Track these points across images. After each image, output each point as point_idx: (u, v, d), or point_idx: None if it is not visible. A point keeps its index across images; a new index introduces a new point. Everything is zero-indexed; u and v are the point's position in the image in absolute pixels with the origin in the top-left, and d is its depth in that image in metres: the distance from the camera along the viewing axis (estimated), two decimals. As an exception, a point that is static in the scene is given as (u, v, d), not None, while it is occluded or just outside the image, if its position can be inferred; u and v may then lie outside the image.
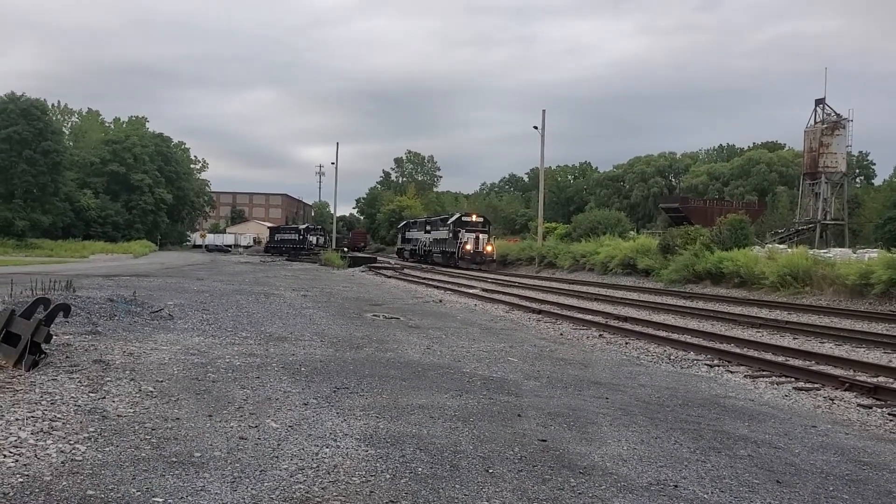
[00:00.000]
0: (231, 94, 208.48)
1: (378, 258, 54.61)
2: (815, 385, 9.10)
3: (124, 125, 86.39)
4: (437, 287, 25.97)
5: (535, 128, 45.92)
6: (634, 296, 24.11)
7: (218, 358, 8.45)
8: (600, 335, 13.32)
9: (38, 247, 53.39)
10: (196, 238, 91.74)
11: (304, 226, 78.54)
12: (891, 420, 7.41)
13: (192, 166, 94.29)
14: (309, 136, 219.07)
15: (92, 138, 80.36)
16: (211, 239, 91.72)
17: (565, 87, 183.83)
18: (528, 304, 19.59)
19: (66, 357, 7.66)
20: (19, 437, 4.90)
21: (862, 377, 9.46)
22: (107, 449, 4.84)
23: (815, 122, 51.68)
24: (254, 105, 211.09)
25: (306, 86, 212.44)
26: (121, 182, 74.90)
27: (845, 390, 8.76)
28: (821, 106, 51.79)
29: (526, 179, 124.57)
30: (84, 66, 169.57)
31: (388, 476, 4.60)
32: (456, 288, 25.52)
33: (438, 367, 8.65)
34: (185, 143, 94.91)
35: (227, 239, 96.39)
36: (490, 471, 4.81)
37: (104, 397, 6.15)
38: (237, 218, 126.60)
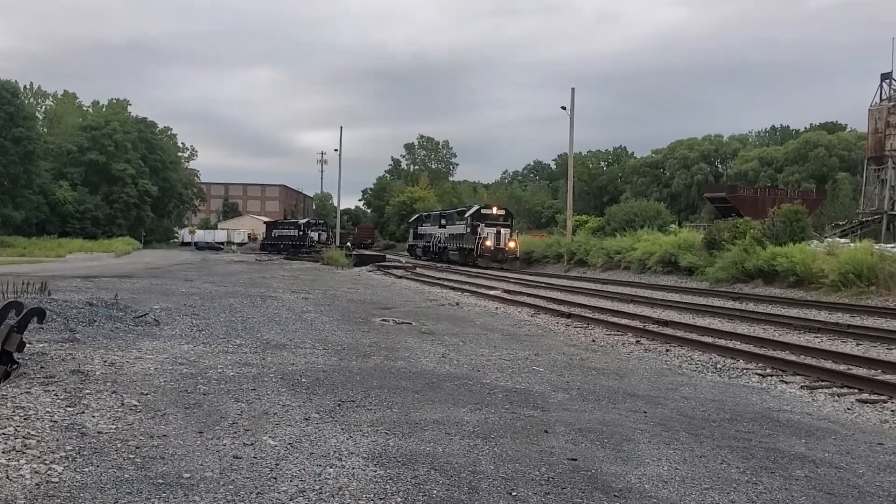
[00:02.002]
0: (223, 74, 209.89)
1: (387, 256, 54.80)
2: (882, 397, 9.01)
3: (104, 109, 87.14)
4: (454, 288, 26.01)
5: (564, 108, 45.85)
6: (676, 297, 24.01)
7: (209, 368, 8.51)
8: (637, 341, 13.28)
9: (10, 245, 53.98)
10: (184, 234, 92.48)
11: (304, 220, 78.88)
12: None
13: (179, 154, 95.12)
14: (310, 120, 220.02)
15: (68, 124, 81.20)
16: (201, 235, 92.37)
17: (597, 62, 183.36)
18: (555, 306, 19.56)
19: (41, 367, 7.73)
20: (-10, 456, 4.96)
21: (936, 388, 9.35)
22: (86, 469, 4.89)
23: (881, 100, 51.06)
24: (249, 86, 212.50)
25: (307, 64, 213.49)
26: (100, 172, 75.59)
27: (917, 403, 8.67)
28: (887, 81, 51.16)
29: (553, 167, 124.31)
30: (59, 44, 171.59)
31: (398, 499, 4.62)
32: (475, 289, 25.53)
33: (455, 378, 8.67)
34: (171, 129, 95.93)
35: (219, 235, 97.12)
36: (513, 493, 4.81)
37: (83, 412, 6.21)
38: (230, 212, 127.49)
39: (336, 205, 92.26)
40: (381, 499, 4.61)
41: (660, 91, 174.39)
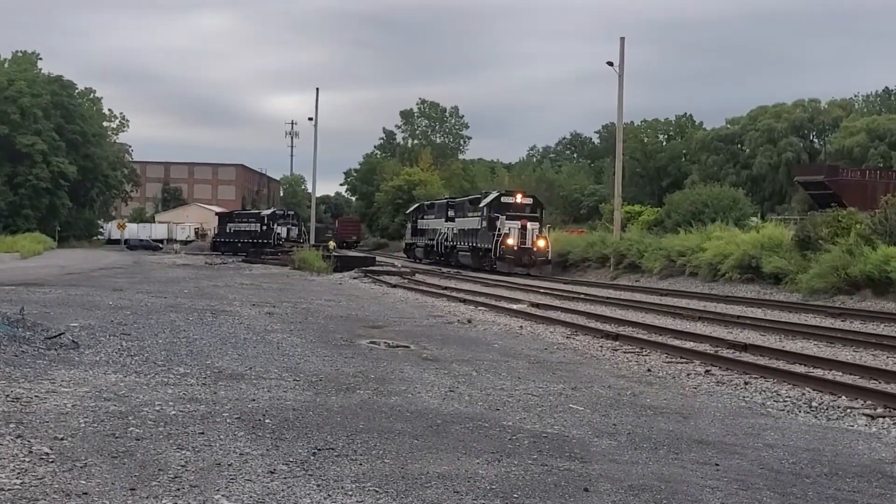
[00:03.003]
0: (163, 20, 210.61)
1: (377, 258, 54.77)
2: None
3: (6, 65, 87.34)
4: (465, 301, 25.98)
5: (610, 64, 45.77)
6: (758, 312, 23.95)
7: (144, 405, 8.52)
8: (707, 371, 13.24)
9: None
10: (112, 229, 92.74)
11: (268, 211, 78.87)
12: None
13: (105, 125, 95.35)
14: (276, 80, 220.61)
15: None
16: (133, 231, 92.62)
17: (655, 4, 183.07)
18: (599, 325, 19.50)
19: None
20: None
21: None
22: (-16, 537, 4.91)
23: None
24: (197, 35, 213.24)
25: (272, 6, 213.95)
26: (1, 148, 75.83)
27: None
28: None
29: (596, 141, 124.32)
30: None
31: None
32: (492, 302, 25.45)
33: (467, 419, 8.67)
34: (94, 92, 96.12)
35: (157, 231, 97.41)
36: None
37: (-21, 462, 6.22)
38: (171, 200, 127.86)
39: (311, 191, 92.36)
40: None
41: (738, 42, 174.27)
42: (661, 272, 38.90)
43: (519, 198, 48.28)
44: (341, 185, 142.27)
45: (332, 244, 62.64)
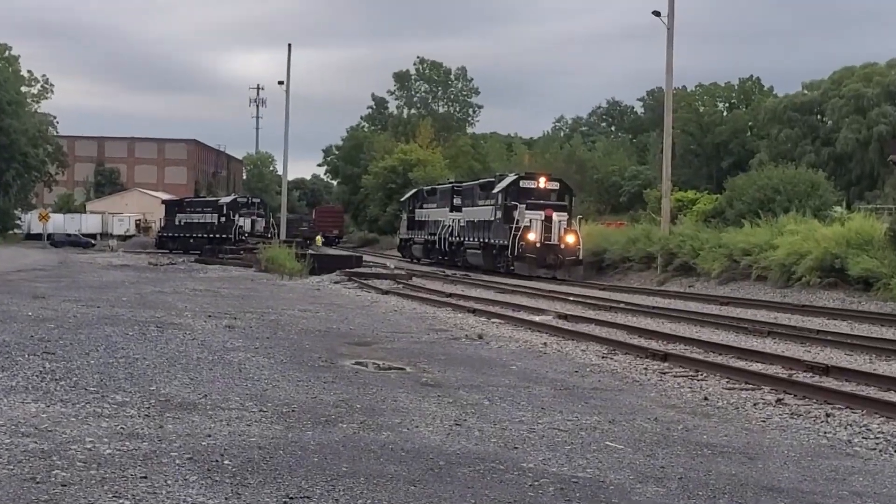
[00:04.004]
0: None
1: (364, 257, 54.70)
2: None
3: None
4: (475, 311, 26.00)
5: (657, 14, 45.71)
6: (842, 326, 23.88)
7: (72, 442, 8.51)
8: (778, 400, 13.20)
9: None
10: (32, 221, 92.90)
11: (228, 199, 78.97)
12: None
13: (23, 90, 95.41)
14: (238, 34, 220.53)
15: None
16: (59, 223, 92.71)
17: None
18: (643, 341, 19.47)
19: None
20: None
21: None
22: None
23: None
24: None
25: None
26: None
27: None
28: None
29: (639, 111, 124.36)
30: None
31: None
32: (509, 313, 25.43)
33: (476, 460, 8.66)
34: (9, 49, 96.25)
35: (89, 223, 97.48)
36: None
37: None
38: (107, 185, 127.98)
39: (281, 173, 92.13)
40: None
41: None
42: (720, 275, 38.86)
43: (542, 182, 48.23)
44: (319, 165, 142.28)
45: (318, 239, 62.73)
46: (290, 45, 74.36)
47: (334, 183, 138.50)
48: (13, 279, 32.82)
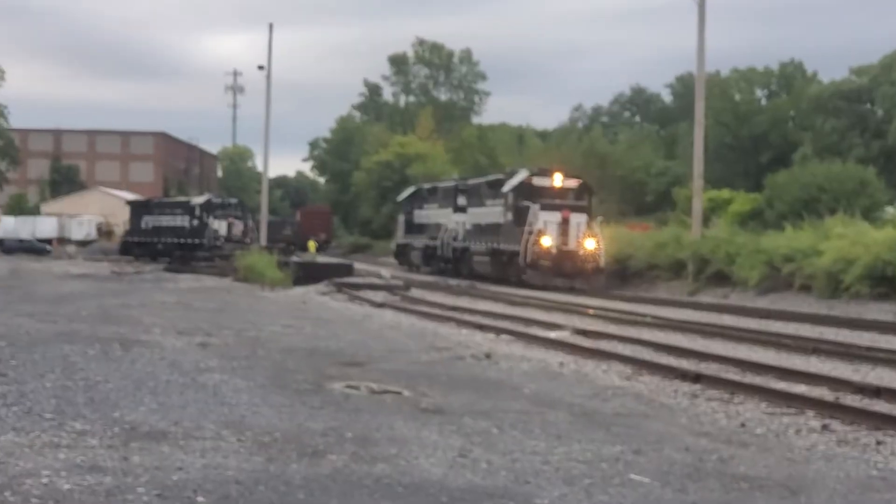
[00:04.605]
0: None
1: (356, 265, 54.63)
2: None
3: None
4: (482, 327, 25.98)
5: (687, -12, 45.78)
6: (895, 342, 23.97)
7: (25, 475, 8.50)
8: (825, 426, 13.22)
9: None
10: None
11: (201, 199, 78.88)
12: None
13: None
14: (213, 14, 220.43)
15: None
16: (10, 227, 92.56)
17: None
18: (672, 360, 19.47)
19: None
20: None
21: None
22: None
23: None
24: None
25: None
26: None
27: None
28: None
29: (666, 99, 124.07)
30: None
31: None
32: (521, 328, 25.45)
33: (484, 496, 8.68)
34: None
35: (44, 227, 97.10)
36: None
37: None
38: (64, 183, 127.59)
39: (261, 170, 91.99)
40: None
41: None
42: (759, 285, 38.83)
43: (558, 179, 48.25)
44: (305, 160, 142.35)
45: (312, 245, 62.60)
46: (271, 24, 74.36)
47: (321, 180, 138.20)
48: (-43, 291, 32.86)
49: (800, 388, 16.11)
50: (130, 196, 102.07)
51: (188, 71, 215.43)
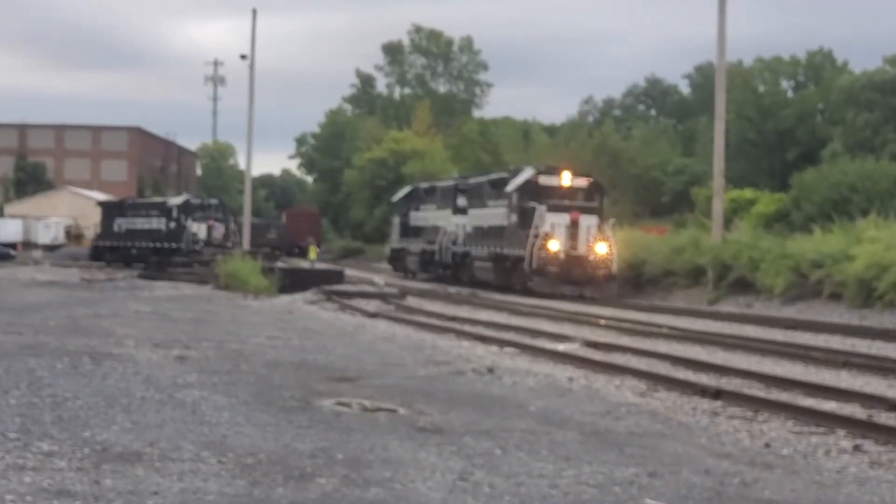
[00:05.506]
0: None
1: (347, 271, 54.89)
2: None
3: None
4: (484, 338, 26.18)
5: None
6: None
7: (-16, 503, 8.46)
8: (856, 447, 13.26)
9: None
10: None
11: (179, 199, 79.18)
12: None
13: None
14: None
15: None
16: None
17: None
18: (690, 375, 19.63)
19: None
20: None
21: None
22: None
23: None
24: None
25: None
26: None
27: None
28: None
29: (684, 91, 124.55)
30: None
31: None
32: (527, 340, 25.63)
33: (486, 527, 8.58)
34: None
35: (8, 230, 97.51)
36: None
37: None
38: (30, 182, 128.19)
39: (244, 168, 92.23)
40: None
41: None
42: (785, 293, 38.94)
43: (567, 178, 48.54)
44: (291, 158, 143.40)
45: (313, 250, 62.73)
46: (254, 9, 74.35)
47: (309, 179, 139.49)
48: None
49: (829, 406, 16.14)
50: (102, 196, 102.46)
51: (165, 60, 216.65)
